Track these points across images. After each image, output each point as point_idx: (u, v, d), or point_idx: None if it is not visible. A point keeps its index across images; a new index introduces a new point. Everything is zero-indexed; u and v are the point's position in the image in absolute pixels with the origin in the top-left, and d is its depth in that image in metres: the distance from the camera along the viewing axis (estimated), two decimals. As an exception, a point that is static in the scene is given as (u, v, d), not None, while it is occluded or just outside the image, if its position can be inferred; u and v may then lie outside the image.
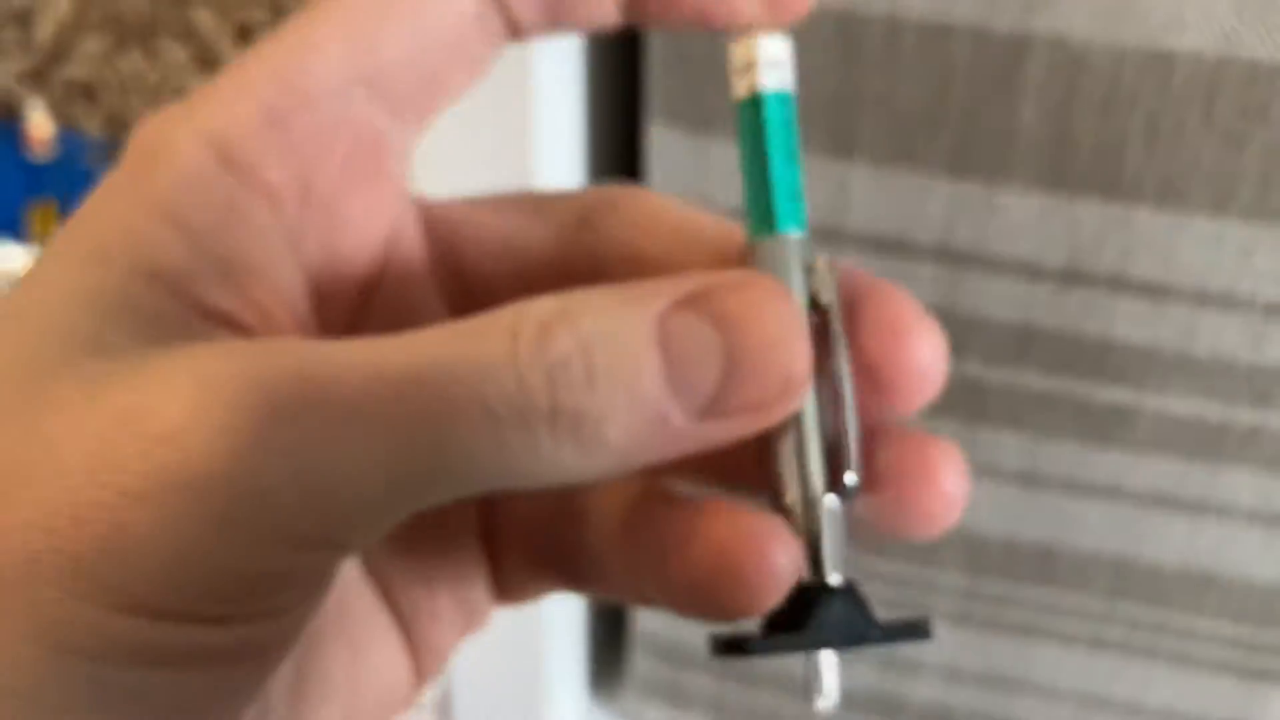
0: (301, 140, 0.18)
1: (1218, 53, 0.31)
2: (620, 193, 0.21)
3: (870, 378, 0.18)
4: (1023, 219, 0.35)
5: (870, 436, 0.19)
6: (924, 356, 0.18)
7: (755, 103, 0.19)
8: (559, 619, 0.50)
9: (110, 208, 0.18)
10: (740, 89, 0.19)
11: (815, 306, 0.18)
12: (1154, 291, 0.35)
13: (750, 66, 0.19)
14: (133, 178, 0.18)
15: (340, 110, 0.19)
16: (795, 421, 0.18)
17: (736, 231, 0.19)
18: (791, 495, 0.18)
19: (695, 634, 0.47)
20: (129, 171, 0.18)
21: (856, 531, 0.19)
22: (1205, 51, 0.31)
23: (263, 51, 0.19)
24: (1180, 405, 0.36)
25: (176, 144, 0.18)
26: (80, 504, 0.15)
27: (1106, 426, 0.37)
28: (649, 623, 0.48)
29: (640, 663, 0.49)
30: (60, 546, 0.15)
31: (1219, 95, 0.32)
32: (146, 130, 0.18)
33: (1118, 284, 0.35)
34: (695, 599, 0.18)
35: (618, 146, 0.43)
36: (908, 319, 0.18)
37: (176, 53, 0.62)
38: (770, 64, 0.19)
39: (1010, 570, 0.41)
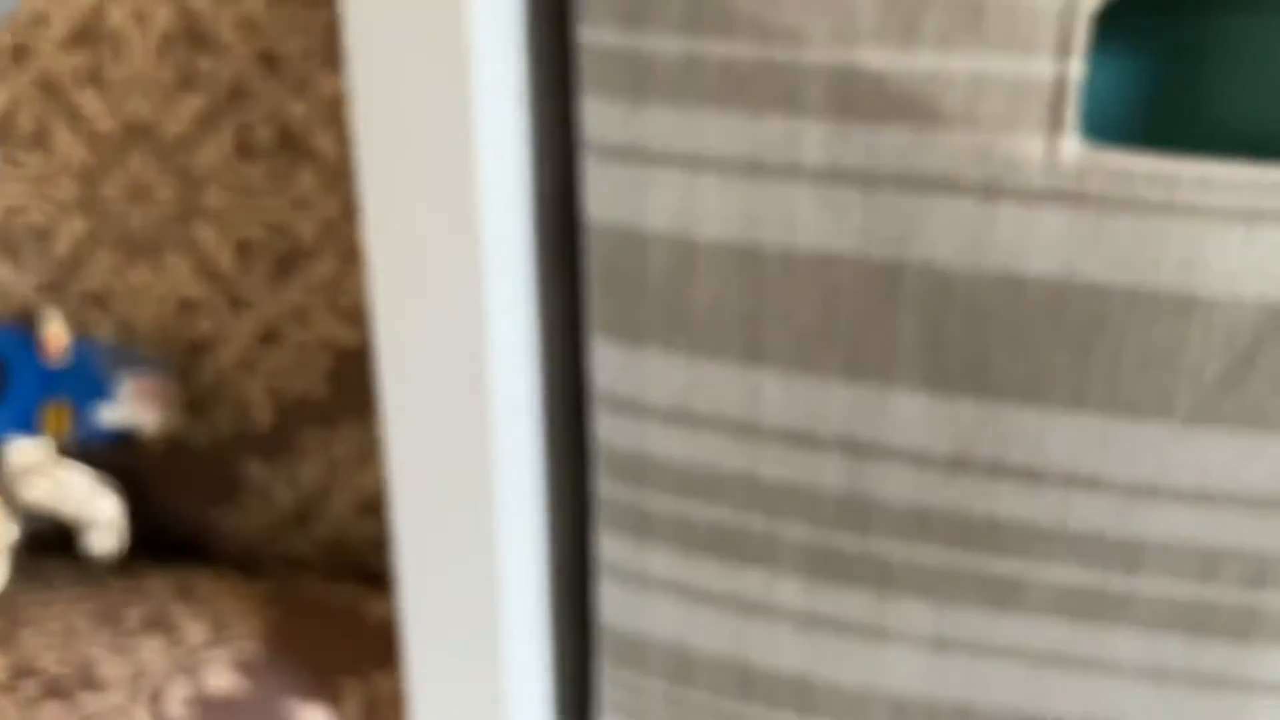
0: None
1: (1059, 276, 0.37)
2: None
3: None
4: (911, 415, 0.40)
5: None
6: None
7: None
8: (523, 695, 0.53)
9: None
10: None
11: None
12: (1028, 476, 0.40)
13: None
14: None
15: None
16: None
17: None
18: None
19: (661, 710, 0.51)
20: None
21: None
22: (1048, 275, 0.37)
23: None
24: (1061, 574, 0.41)
25: None
26: None
27: (1002, 594, 0.42)
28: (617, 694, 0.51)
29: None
30: None
31: (1064, 310, 0.37)
32: None
33: (997, 470, 0.40)
34: None
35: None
36: None
37: (181, 267, 0.69)
38: None
39: (933, 727, 0.45)
